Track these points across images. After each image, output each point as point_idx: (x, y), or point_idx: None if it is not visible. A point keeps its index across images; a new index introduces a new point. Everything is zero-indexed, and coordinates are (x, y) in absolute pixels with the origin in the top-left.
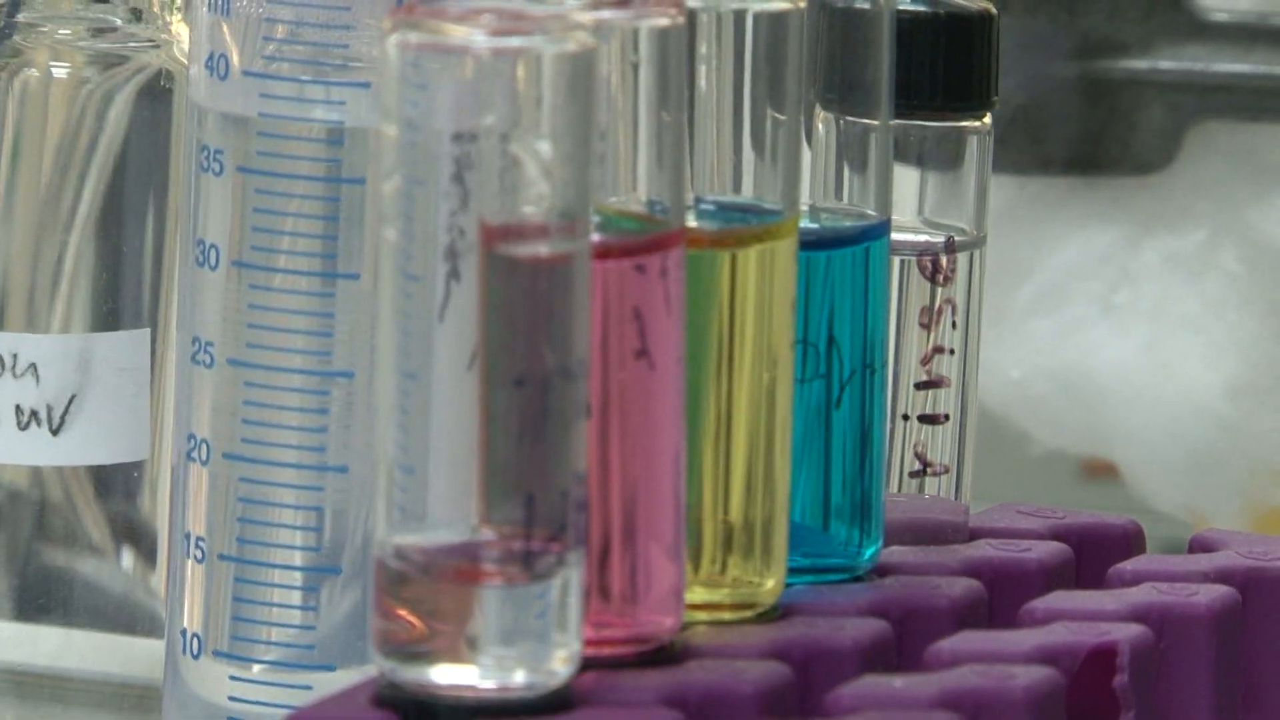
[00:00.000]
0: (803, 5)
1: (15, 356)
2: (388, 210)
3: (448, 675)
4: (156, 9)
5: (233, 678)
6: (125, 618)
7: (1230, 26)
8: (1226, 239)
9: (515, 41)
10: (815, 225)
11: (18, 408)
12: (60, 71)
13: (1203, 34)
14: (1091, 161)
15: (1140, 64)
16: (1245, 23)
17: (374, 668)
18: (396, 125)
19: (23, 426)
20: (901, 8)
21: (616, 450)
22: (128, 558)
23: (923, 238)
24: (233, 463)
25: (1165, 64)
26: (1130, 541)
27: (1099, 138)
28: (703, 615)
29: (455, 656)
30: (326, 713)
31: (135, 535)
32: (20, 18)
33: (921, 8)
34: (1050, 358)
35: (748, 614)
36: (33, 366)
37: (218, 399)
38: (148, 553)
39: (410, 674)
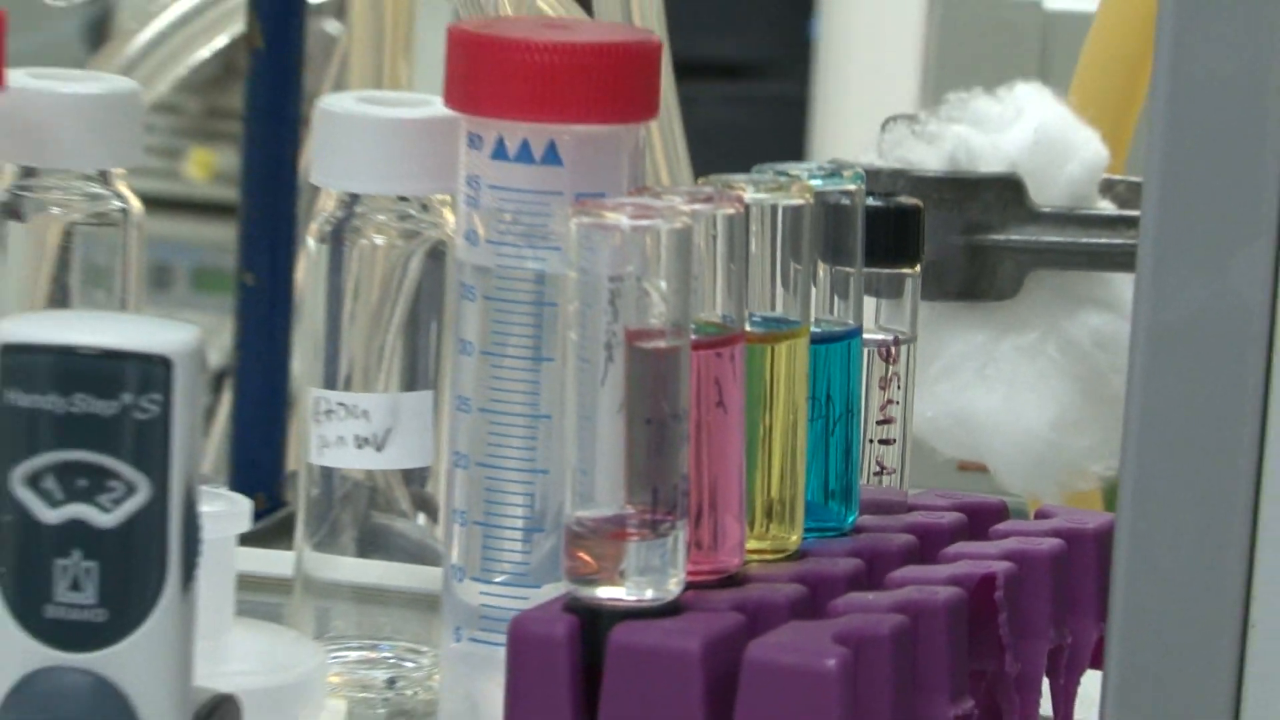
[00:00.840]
0: (811, 201)
1: (355, 405)
2: (570, 321)
3: (608, 593)
4: (436, 204)
5: (481, 592)
6: (420, 555)
7: (1052, 214)
8: (1050, 338)
9: (645, 222)
10: (819, 330)
11: (356, 436)
12: (380, 240)
13: (1035, 220)
14: (972, 293)
15: (999, 237)
16: (1061, 213)
17: (564, 588)
18: (575, 272)
19: (359, 447)
20: (868, 204)
21: (705, 460)
22: (422, 519)
23: (880, 337)
24: (481, 468)
25: (1014, 236)
26: (1001, 512)
27: (976, 279)
28: (754, 557)
29: (612, 582)
30: (537, 614)
31: (426, 507)
32: (358, 209)
33: (879, 204)
34: (950, 406)
35: (781, 556)
36: (365, 412)
37: (471, 431)
38: (433, 517)
39: (585, 592)
